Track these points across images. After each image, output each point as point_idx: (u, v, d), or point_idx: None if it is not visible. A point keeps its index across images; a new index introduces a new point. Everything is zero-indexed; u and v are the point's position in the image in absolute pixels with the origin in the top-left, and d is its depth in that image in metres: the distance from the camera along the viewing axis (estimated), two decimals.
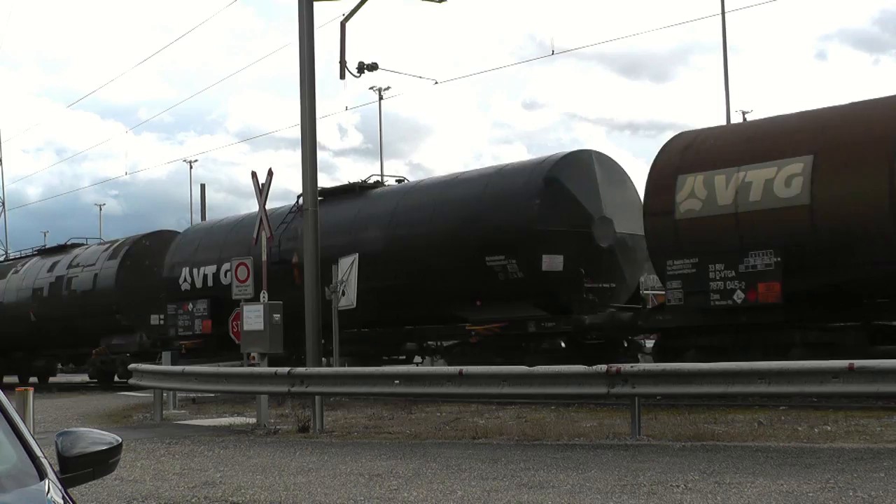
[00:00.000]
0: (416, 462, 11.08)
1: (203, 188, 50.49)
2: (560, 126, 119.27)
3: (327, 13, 51.69)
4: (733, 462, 10.18)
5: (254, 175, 19.57)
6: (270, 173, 19.56)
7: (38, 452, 3.57)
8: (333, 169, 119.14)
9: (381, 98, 52.28)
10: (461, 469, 10.42)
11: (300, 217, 23.00)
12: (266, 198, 19.63)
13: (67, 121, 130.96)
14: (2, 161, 63.64)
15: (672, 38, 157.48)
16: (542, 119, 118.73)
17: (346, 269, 19.07)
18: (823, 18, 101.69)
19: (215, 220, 30.31)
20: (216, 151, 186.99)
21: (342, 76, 21.52)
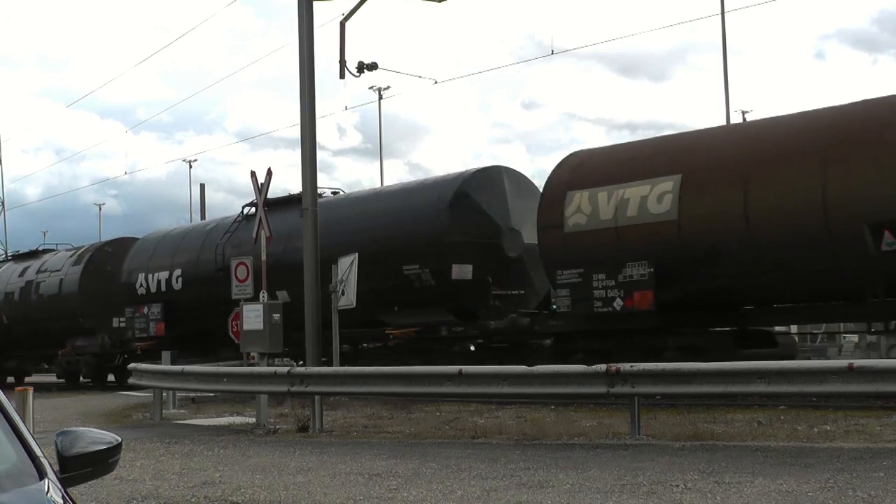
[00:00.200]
0: (416, 462, 11.08)
1: (202, 188, 50.59)
2: (559, 126, 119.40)
3: (327, 13, 51.71)
4: (733, 462, 10.18)
5: (253, 175, 19.61)
6: (270, 173, 19.61)
7: (38, 452, 3.57)
8: (332, 169, 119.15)
9: (380, 98, 52.32)
10: (460, 469, 10.42)
11: (245, 225, 25.57)
12: (265, 197, 19.65)
13: (67, 121, 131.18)
14: (1, 161, 63.81)
15: (670, 37, 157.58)
16: (540, 119, 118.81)
17: (346, 268, 19.10)
18: (822, 18, 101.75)
19: (169, 228, 32.12)
20: (215, 151, 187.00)
21: (342, 76, 21.53)
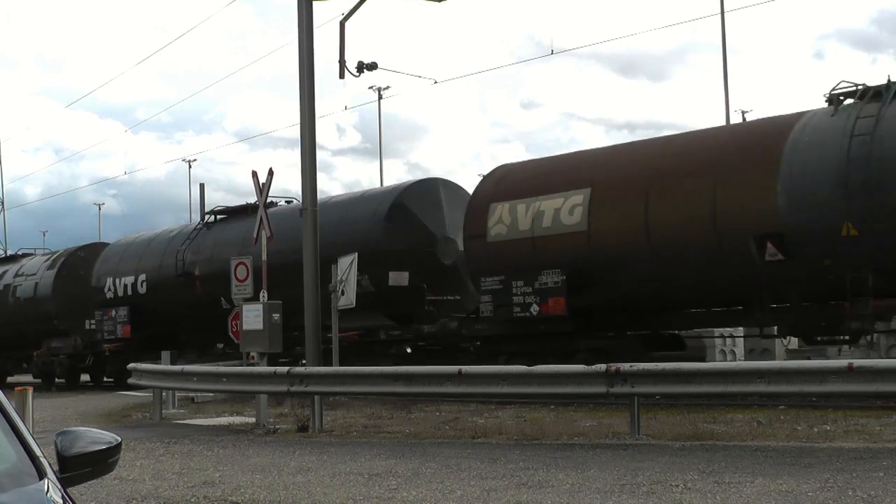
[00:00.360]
0: (416, 461, 11.08)
1: (202, 188, 50.33)
2: (558, 125, 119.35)
3: (327, 12, 51.60)
4: (732, 461, 10.18)
5: (254, 174, 19.60)
6: (271, 173, 19.61)
7: (38, 452, 3.57)
8: (332, 168, 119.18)
9: (380, 98, 52.27)
10: (460, 468, 10.42)
11: (205, 233, 27.76)
12: (266, 197, 19.65)
13: (66, 120, 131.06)
14: (1, 160, 63.78)
15: (669, 37, 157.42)
16: (540, 118, 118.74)
17: (346, 268, 19.11)
18: (821, 18, 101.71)
19: (136, 234, 33.35)
20: (214, 151, 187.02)
21: (341, 76, 21.53)
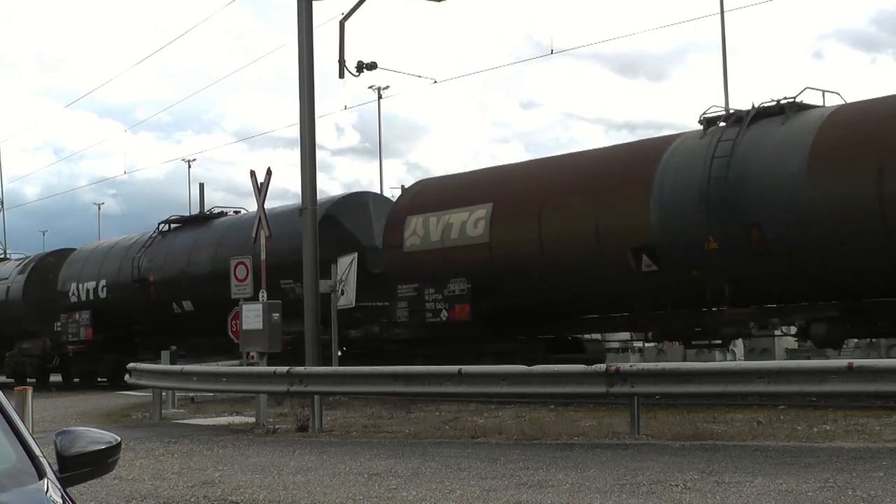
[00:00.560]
0: (415, 461, 11.07)
1: (202, 187, 50.28)
2: (557, 125, 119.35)
3: (326, 12, 51.57)
4: (732, 461, 10.17)
5: (252, 174, 19.56)
6: (269, 172, 19.55)
7: (37, 452, 3.57)
8: (331, 168, 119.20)
9: (379, 97, 52.16)
10: (460, 468, 10.41)
11: (160, 240, 29.48)
12: (265, 197, 19.62)
13: (65, 120, 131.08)
14: (0, 160, 63.79)
15: (669, 37, 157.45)
16: (539, 118, 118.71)
17: (345, 268, 19.13)
18: (820, 18, 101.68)
19: (100, 241, 35.06)
20: (214, 151, 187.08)
21: (341, 75, 21.53)
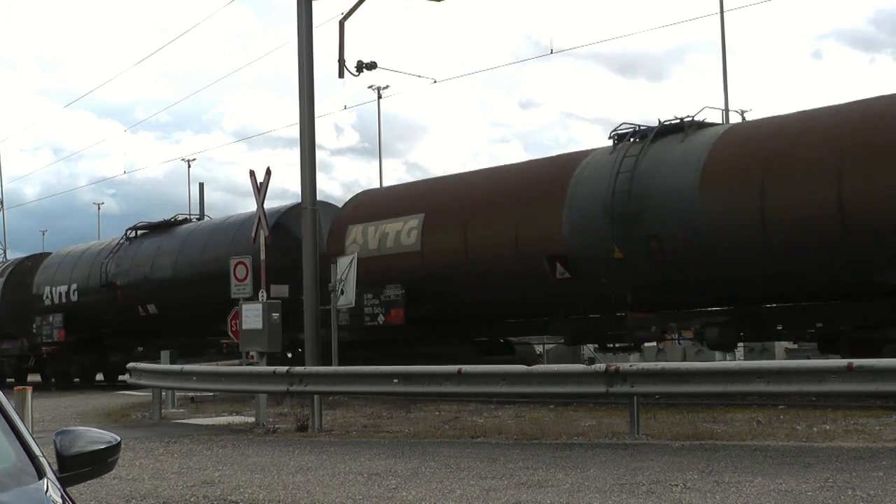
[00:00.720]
0: (415, 461, 11.07)
1: (201, 187, 50.32)
2: (557, 125, 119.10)
3: (326, 12, 51.43)
4: (732, 461, 10.18)
5: (252, 174, 19.58)
6: (269, 172, 19.58)
7: (37, 451, 3.57)
8: (330, 168, 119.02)
9: (379, 97, 52.07)
10: (460, 468, 10.42)
11: (127, 246, 30.55)
12: (264, 196, 19.63)
13: (65, 120, 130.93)
14: (0, 160, 63.85)
15: (668, 37, 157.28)
16: (539, 118, 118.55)
17: (345, 268, 19.14)
18: (819, 18, 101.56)
19: (72, 247, 36.01)
20: (213, 150, 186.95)
21: (341, 75, 21.56)
